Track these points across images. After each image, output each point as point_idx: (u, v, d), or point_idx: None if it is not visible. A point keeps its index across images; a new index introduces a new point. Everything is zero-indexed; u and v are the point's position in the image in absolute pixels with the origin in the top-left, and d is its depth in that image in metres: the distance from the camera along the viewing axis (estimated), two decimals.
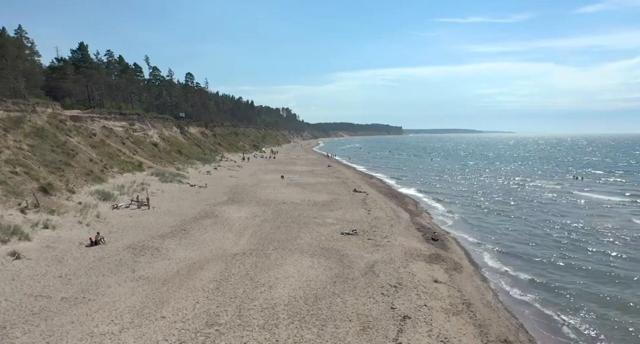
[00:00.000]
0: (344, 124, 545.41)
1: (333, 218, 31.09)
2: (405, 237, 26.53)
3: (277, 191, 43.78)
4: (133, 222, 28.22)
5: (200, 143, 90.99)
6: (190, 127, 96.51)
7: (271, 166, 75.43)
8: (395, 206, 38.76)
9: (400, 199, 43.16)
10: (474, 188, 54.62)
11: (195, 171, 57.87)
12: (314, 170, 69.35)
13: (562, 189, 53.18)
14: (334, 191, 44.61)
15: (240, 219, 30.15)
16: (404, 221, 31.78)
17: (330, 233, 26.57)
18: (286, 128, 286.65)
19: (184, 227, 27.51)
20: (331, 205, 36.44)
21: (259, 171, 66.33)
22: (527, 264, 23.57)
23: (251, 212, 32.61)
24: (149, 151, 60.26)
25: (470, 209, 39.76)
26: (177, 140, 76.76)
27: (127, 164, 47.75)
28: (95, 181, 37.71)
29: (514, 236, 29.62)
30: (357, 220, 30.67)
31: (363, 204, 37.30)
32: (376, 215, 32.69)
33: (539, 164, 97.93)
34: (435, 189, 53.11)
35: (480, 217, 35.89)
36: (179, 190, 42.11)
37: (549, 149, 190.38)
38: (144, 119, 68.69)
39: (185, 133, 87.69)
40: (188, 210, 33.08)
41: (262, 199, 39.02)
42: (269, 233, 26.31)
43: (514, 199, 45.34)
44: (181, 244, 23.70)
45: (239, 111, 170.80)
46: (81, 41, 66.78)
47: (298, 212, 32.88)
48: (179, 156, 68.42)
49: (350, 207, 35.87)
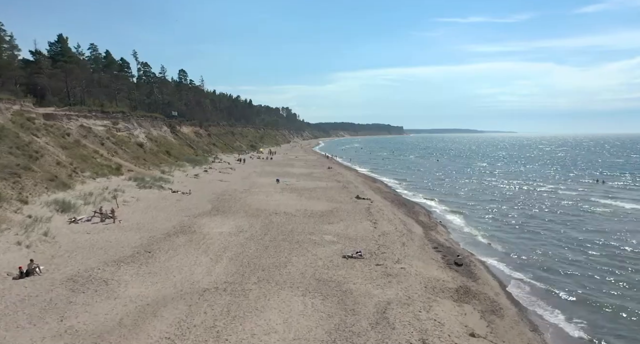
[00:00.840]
0: (344, 124, 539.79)
1: (333, 234, 25.97)
2: (422, 262, 21.41)
3: (270, 198, 38.67)
4: (88, 242, 23.12)
5: (193, 143, 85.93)
6: (182, 127, 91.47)
7: (267, 168, 70.33)
8: (404, 216, 33.64)
9: (410, 208, 38.04)
10: (489, 194, 49.49)
11: (182, 174, 52.77)
12: (312, 173, 64.25)
13: (586, 195, 48.02)
14: (334, 198, 39.50)
15: (221, 236, 25.04)
16: (418, 238, 26.65)
17: (330, 256, 21.46)
18: (286, 128, 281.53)
19: (149, 247, 22.41)
20: (331, 216, 31.33)
21: (253, 173, 61.22)
22: (582, 305, 18.45)
23: (236, 227, 27.50)
24: (133, 153, 55.20)
25: (490, 221, 34.63)
26: (166, 140, 71.71)
27: (103, 167, 42.69)
28: (58, 188, 32.63)
29: (551, 259, 24.44)
30: (361, 236, 25.56)
31: (368, 215, 32.18)
32: (384, 229, 27.56)
33: (551, 165, 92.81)
34: (446, 195, 47.96)
35: (504, 232, 30.68)
36: (158, 197, 37.01)
37: (555, 149, 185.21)
38: (130, 118, 63.63)
39: (177, 133, 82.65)
40: (162, 223, 27.98)
41: (251, 208, 33.91)
42: (253, 256, 21.19)
43: (536, 207, 40.21)
44: (139, 273, 18.61)
45: (237, 110, 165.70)
46: (60, 33, 61.85)
47: (292, 226, 27.76)
48: (167, 157, 63.37)
49: (353, 218, 30.76)
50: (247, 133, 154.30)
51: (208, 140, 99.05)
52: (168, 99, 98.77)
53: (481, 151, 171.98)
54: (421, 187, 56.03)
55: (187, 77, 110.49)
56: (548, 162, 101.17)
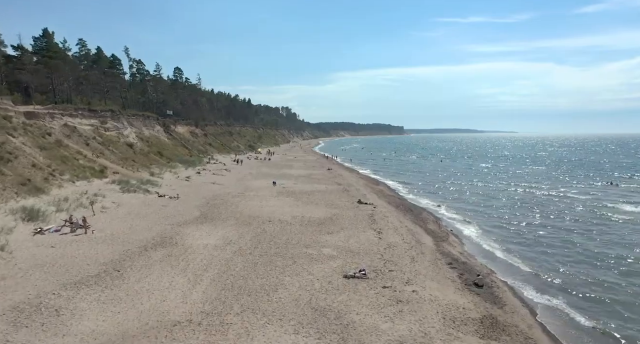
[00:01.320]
0: (345, 124, 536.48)
1: (333, 246, 22.92)
2: (436, 282, 18.35)
3: (264, 204, 35.61)
4: (51, 257, 20.07)
5: (188, 143, 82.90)
6: (177, 126, 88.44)
7: (264, 169, 67.28)
8: (411, 224, 30.58)
9: (417, 214, 34.97)
10: (498, 198, 46.44)
11: (172, 177, 49.71)
12: (311, 174, 61.21)
13: (601, 199, 44.97)
14: (334, 203, 36.45)
15: (205, 250, 21.99)
16: (429, 251, 23.58)
17: (329, 275, 18.41)
18: (286, 128, 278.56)
19: (120, 265, 19.36)
20: (330, 224, 28.27)
21: (248, 175, 58.18)
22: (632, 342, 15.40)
23: (223, 238, 24.46)
24: (122, 153, 52.17)
25: (504, 230, 31.55)
26: (159, 140, 68.67)
27: (85, 169, 39.66)
28: (30, 192, 29.61)
29: (580, 280, 21.28)
30: (364, 250, 22.51)
31: (371, 223, 29.12)
32: (390, 241, 24.50)
33: (557, 166, 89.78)
34: (454, 200, 44.88)
35: (522, 244, 27.49)
36: (142, 203, 33.95)
37: (558, 149, 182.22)
38: (119, 117, 60.61)
39: (171, 132, 79.62)
40: (140, 234, 24.93)
41: (243, 215, 30.84)
42: (238, 276, 18.14)
43: (551, 214, 37.16)
44: (100, 299, 15.57)
45: (235, 110, 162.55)
46: (45, 27, 58.83)
47: (286, 237, 24.71)
48: (159, 158, 60.35)
49: (355, 227, 27.71)
50: (246, 133, 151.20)
51: (204, 140, 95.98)
52: (163, 98, 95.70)
53: (484, 151, 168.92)
54: (426, 190, 52.98)
55: (183, 75, 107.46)
56: (553, 163, 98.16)
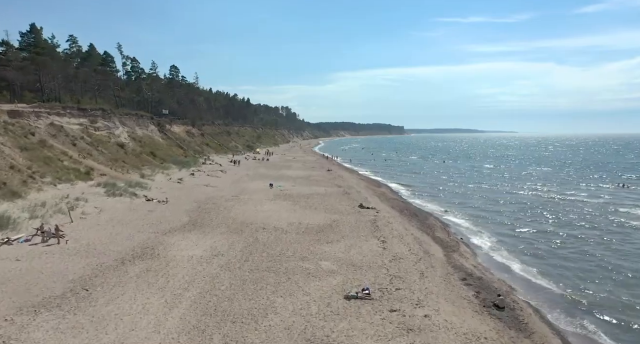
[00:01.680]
0: (345, 124, 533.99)
1: (332, 259, 20.58)
2: (451, 303, 16.01)
3: (259, 208, 33.26)
4: (12, 273, 17.74)
5: (184, 143, 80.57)
6: (173, 126, 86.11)
7: (262, 170, 64.93)
8: (418, 231, 28.23)
9: (422, 220, 32.62)
10: (506, 201, 44.10)
11: (164, 178, 47.38)
12: (310, 175, 58.86)
13: (614, 202, 42.74)
14: (334, 207, 34.11)
15: (189, 263, 19.65)
16: (439, 263, 21.23)
17: (327, 295, 16.08)
18: (286, 127, 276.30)
19: (90, 282, 17.04)
20: (330, 232, 25.93)
21: (245, 176, 55.83)
22: None
23: (212, 248, 22.12)
24: (112, 154, 49.83)
25: (518, 238, 29.18)
26: (152, 140, 66.33)
27: (70, 171, 37.34)
28: (5, 197, 27.33)
29: (610, 299, 18.93)
30: (368, 262, 20.17)
31: (374, 230, 26.78)
32: (396, 251, 22.17)
33: (562, 167, 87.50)
34: (460, 204, 42.47)
35: (539, 257, 25.02)
36: (128, 208, 31.61)
37: (560, 149, 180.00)
38: (111, 116, 58.28)
39: (166, 132, 77.29)
40: (120, 243, 22.60)
41: (236, 222, 28.49)
42: (223, 297, 15.81)
43: (563, 219, 34.87)
44: (59, 327, 13.23)
45: (234, 109, 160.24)
46: (32, 22, 56.45)
47: (281, 248, 22.36)
48: (152, 158, 58.02)
49: (357, 235, 25.38)
50: (244, 133, 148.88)
51: (201, 140, 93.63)
52: (159, 97, 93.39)
53: (485, 151, 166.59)
54: (430, 193, 50.63)
55: (179, 73, 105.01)
56: (558, 164, 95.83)
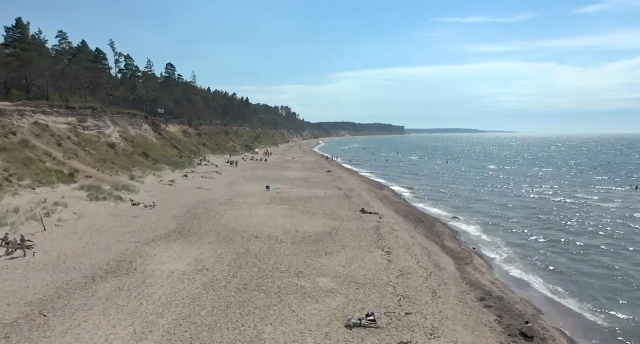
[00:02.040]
0: (345, 124, 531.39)
1: (331, 274, 18.22)
2: (470, 332, 13.62)
3: (253, 213, 30.88)
4: None
5: (180, 143, 78.17)
6: (168, 125, 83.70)
7: (259, 171, 62.55)
8: (425, 239, 25.85)
9: (429, 227, 30.22)
10: (516, 205, 41.79)
11: (155, 180, 45.00)
12: (309, 177, 56.47)
13: (630, 207, 40.59)
14: (334, 212, 31.73)
15: (169, 280, 17.28)
16: (452, 279, 18.85)
17: (325, 324, 13.70)
18: (285, 127, 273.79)
19: (51, 304, 14.68)
20: (329, 241, 23.56)
21: (241, 178, 53.44)
22: None
23: (196, 261, 19.74)
24: (100, 154, 47.44)
25: (533, 249, 26.81)
26: (145, 140, 63.93)
27: (52, 173, 34.96)
28: None
29: None
30: (372, 279, 17.80)
31: (378, 238, 24.42)
32: (403, 264, 19.79)
33: (568, 167, 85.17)
34: (467, 208, 40.12)
35: (558, 269, 22.77)
36: (110, 213, 29.22)
37: (562, 149, 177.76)
38: (101, 115, 55.89)
39: (161, 132, 74.90)
40: (95, 255, 20.23)
41: (226, 229, 26.12)
42: (203, 326, 13.42)
43: (580, 227, 32.60)
44: None
45: (233, 109, 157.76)
46: (19, 17, 54.05)
47: (274, 261, 19.99)
48: (144, 159, 55.63)
49: (359, 245, 23.01)
50: (243, 133, 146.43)
51: (197, 140, 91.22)
52: (154, 96, 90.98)
53: (487, 151, 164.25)
54: (435, 195, 48.25)
55: (175, 71, 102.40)
56: (562, 164, 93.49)
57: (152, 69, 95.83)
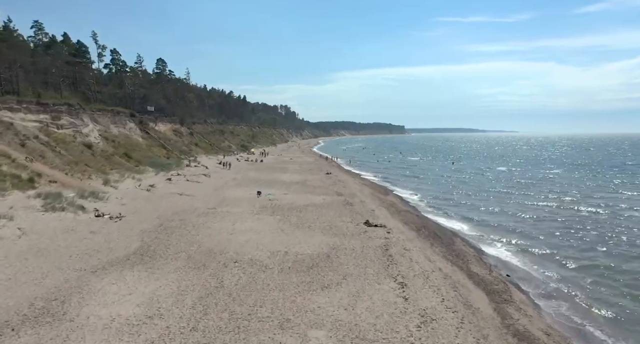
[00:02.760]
0: (345, 123, 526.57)
1: (329, 324, 13.37)
2: None
3: (238, 227, 26.05)
4: None
5: (169, 143, 73.32)
6: (158, 124, 78.90)
7: (252, 174, 57.72)
8: (446, 263, 20.99)
9: (448, 244, 25.35)
10: (540, 216, 37.04)
11: (133, 185, 40.17)
12: (307, 180, 51.62)
13: None
14: (333, 225, 26.90)
15: (105, 334, 12.44)
16: (492, 329, 13.98)
17: None
18: (284, 127, 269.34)
19: None
20: (327, 267, 18.72)
21: (231, 181, 48.59)
22: None
23: (150, 300, 14.90)
24: (74, 156, 42.60)
25: (580, 276, 21.89)
26: (129, 140, 59.06)
27: (6, 178, 30.10)
28: None
29: None
30: (384, 329, 12.98)
31: (388, 263, 19.58)
32: (423, 305, 14.94)
33: (582, 168, 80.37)
34: (486, 220, 35.12)
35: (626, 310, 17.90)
36: (65, 228, 24.35)
37: (568, 149, 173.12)
38: (79, 112, 51.01)
39: (149, 131, 70.08)
40: (19, 290, 15.38)
41: (201, 249, 21.28)
42: None
43: (630, 246, 27.63)
44: None
45: (229, 107, 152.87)
46: None
47: (253, 300, 15.14)
48: (127, 161, 50.80)
49: (365, 272, 18.18)
50: (240, 132, 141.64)
51: (189, 139, 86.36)
52: (144, 93, 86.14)
53: (492, 151, 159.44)
54: (447, 202, 43.42)
55: (167, 67, 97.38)
56: (575, 166, 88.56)
57: (142, 65, 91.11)
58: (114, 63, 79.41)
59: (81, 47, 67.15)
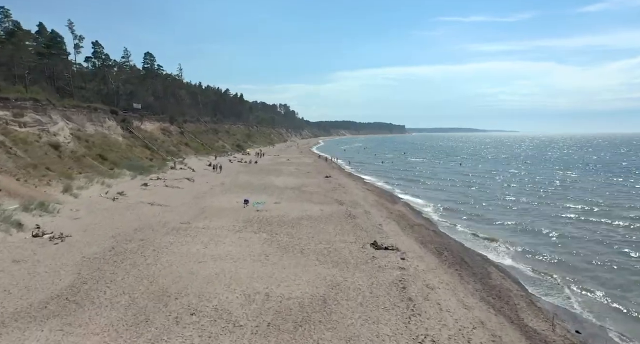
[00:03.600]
0: (345, 123, 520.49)
1: None
2: None
3: (210, 252, 20.38)
4: None
5: (155, 143, 67.68)
6: (144, 122, 73.22)
7: (243, 177, 52.07)
8: (490, 313, 15.24)
9: (482, 277, 19.58)
10: (574, 231, 31.42)
11: (98, 192, 34.55)
12: (303, 185, 46.00)
13: None
14: (332, 248, 21.26)
15: None
16: None
17: None
18: (284, 126, 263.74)
19: None
20: (322, 325, 13.08)
21: (217, 187, 42.92)
22: None
23: None
24: (34, 158, 36.96)
25: None
26: (107, 139, 53.35)
27: None
28: None
29: None
30: None
31: (409, 314, 13.96)
32: None
33: (598, 170, 74.68)
34: (521, 239, 29.24)
35: None
36: None
37: (573, 149, 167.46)
38: (46, 108, 45.34)
39: (132, 130, 64.39)
40: None
41: (151, 290, 15.61)
42: None
43: None
44: None
45: (225, 106, 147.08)
46: None
47: None
48: (100, 163, 45.15)
49: (376, 331, 12.58)
50: (236, 131, 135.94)
51: (179, 139, 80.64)
52: (131, 89, 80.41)
53: (498, 152, 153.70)
54: (463, 211, 37.77)
55: (155, 62, 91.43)
56: (589, 168, 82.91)
57: (130, 60, 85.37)
58: (96, 56, 73.61)
59: (56, 38, 61.40)
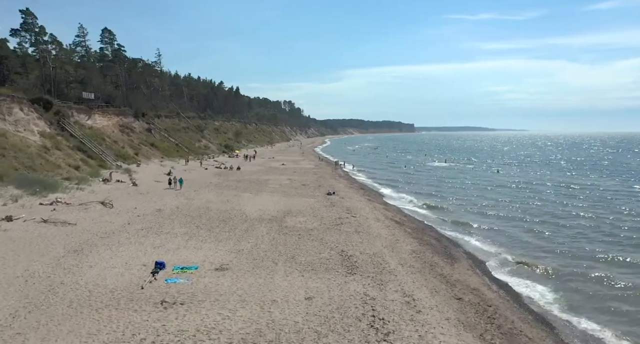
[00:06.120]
0: (353, 121, 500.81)
1: None
2: None
3: None
4: None
5: (102, 143, 50.79)
6: (95, 117, 56.37)
7: (204, 196, 34.98)
8: None
9: None
10: None
11: None
12: (290, 212, 28.82)
13: None
14: None
15: None
16: None
17: None
18: (288, 124, 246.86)
19: None
20: None
21: (139, 220, 25.71)
22: None
23: None
24: None
25: None
26: (4, 139, 36.37)
27: None
28: None
29: None
30: None
31: None
32: None
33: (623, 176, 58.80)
34: None
35: None
36: None
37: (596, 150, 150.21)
38: None
39: (66, 126, 47.52)
40: None
41: None
42: None
43: None
44: None
45: (217, 100, 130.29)
46: None
47: None
48: None
49: None
50: (228, 129, 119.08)
51: (143, 138, 63.76)
52: (83, 75, 63.70)
53: (512, 153, 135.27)
54: (590, 296, 20.17)
55: (115, 42, 73.81)
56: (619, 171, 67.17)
57: (85, 40, 68.65)
58: (25, 29, 56.53)
59: None
